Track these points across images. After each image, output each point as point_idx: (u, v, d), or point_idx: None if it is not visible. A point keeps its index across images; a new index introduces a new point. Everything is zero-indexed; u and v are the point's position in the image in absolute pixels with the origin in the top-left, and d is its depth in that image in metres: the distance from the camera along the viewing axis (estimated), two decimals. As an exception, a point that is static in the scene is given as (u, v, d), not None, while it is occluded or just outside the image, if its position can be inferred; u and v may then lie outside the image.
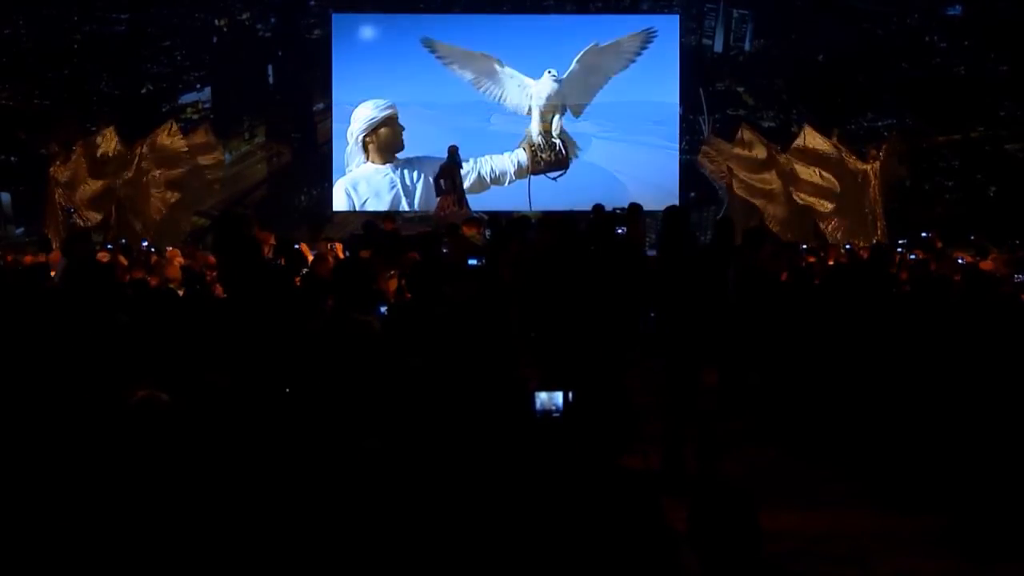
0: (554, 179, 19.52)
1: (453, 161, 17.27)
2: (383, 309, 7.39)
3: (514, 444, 4.69)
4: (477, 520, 3.93)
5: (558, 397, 4.87)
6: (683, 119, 20.74)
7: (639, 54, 20.13)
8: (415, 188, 20.15)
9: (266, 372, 5.40)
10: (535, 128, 19.92)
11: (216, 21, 20.96)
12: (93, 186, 17.65)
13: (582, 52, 19.88)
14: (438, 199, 17.11)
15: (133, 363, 5.58)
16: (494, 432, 4.74)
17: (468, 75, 20.01)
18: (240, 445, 4.38)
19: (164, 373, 5.11)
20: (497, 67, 19.86)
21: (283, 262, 10.00)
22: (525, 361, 7.05)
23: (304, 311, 6.72)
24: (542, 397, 4.87)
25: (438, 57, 19.96)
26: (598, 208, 12.59)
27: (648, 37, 20.08)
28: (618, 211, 13.76)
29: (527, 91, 19.92)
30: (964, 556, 5.77)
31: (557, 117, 19.90)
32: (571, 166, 20.08)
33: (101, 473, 4.00)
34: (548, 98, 19.81)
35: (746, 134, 18.77)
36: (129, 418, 4.14)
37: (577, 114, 20.07)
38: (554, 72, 19.78)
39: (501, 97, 19.93)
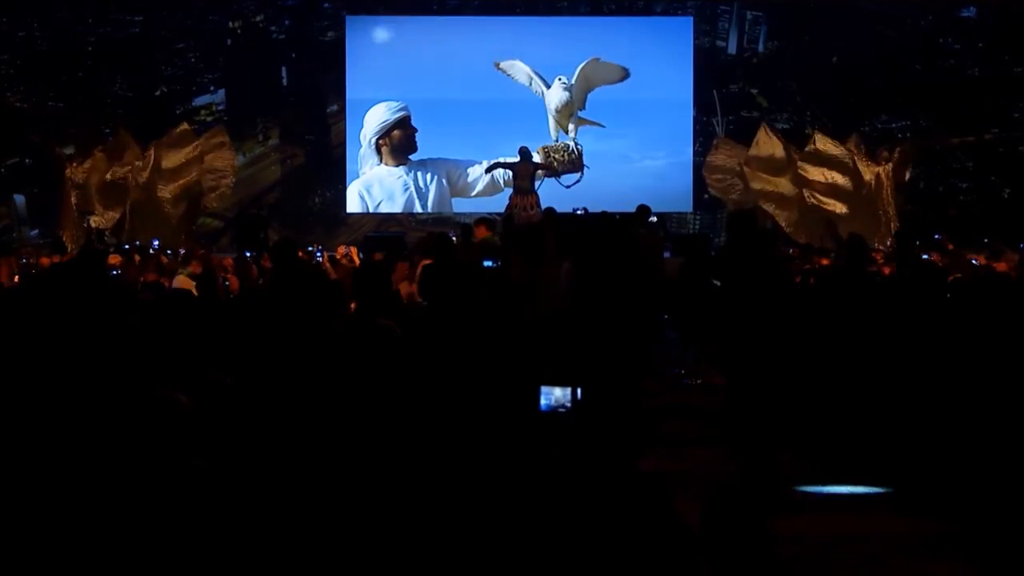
0: (568, 187, 19.53)
1: (528, 160, 17.37)
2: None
3: (517, 439, 4.69)
4: (476, 517, 3.94)
5: (567, 393, 4.87)
6: (697, 121, 20.72)
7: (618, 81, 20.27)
8: (428, 190, 20.17)
9: (280, 372, 5.41)
10: (551, 132, 19.99)
11: (230, 23, 20.99)
12: (109, 188, 17.72)
13: (584, 64, 19.96)
14: (514, 197, 17.18)
15: (147, 364, 5.59)
16: (497, 427, 4.75)
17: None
18: (252, 445, 4.39)
19: (180, 374, 5.12)
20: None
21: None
22: (540, 361, 7.05)
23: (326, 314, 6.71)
24: (553, 393, 4.86)
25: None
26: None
27: (624, 76, 20.20)
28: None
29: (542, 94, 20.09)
30: (978, 562, 5.75)
31: (571, 125, 20.00)
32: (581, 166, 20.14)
33: (118, 474, 4.01)
34: (558, 108, 19.92)
35: (764, 135, 18.75)
36: (148, 419, 4.15)
37: (582, 107, 20.17)
38: (564, 79, 19.89)
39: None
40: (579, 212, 14.23)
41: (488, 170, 18.61)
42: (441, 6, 21.17)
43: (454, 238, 11.76)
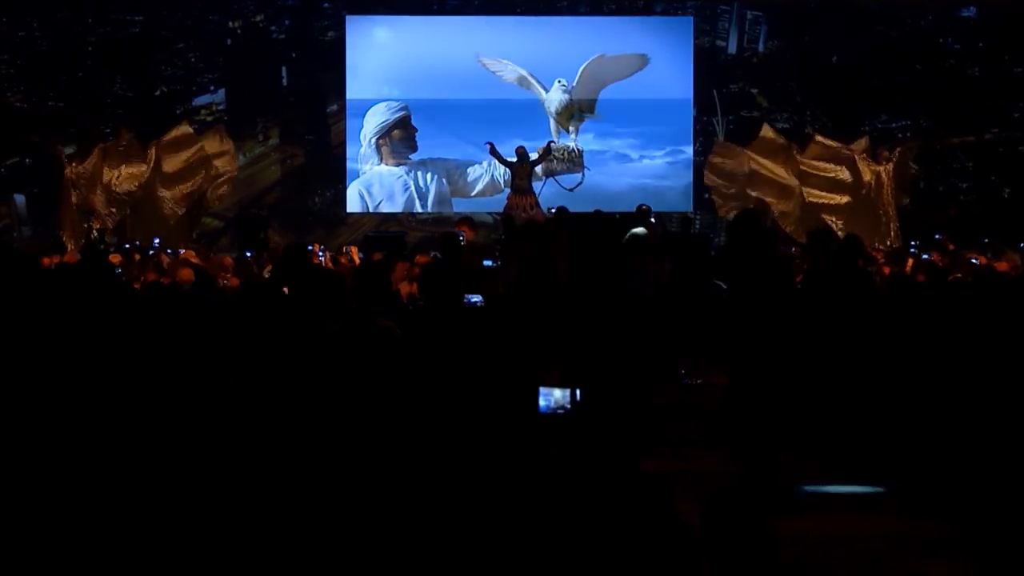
0: (570, 190, 19.51)
1: (525, 161, 17.30)
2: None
3: (515, 441, 4.69)
4: (476, 518, 3.94)
5: (567, 394, 4.86)
6: (697, 120, 20.72)
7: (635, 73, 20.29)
8: (428, 190, 20.19)
9: (281, 373, 5.41)
10: (552, 134, 20.00)
11: (230, 23, 20.97)
12: (110, 188, 17.70)
13: (587, 62, 20.01)
14: (512, 197, 17.10)
15: (141, 364, 5.60)
16: (496, 429, 4.74)
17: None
18: (253, 445, 4.39)
19: (180, 374, 5.13)
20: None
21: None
22: (542, 361, 7.04)
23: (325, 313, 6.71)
24: (553, 394, 4.85)
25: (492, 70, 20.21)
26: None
27: (644, 63, 20.22)
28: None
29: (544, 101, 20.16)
30: (979, 563, 5.74)
31: (572, 127, 20.04)
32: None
33: (119, 474, 4.02)
34: (558, 110, 19.97)
35: (766, 134, 18.73)
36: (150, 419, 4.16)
37: (591, 111, 20.18)
38: (563, 82, 19.98)
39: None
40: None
41: (489, 148, 18.26)
42: (441, 6, 21.15)
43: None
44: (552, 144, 19.31)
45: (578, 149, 20.12)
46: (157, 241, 16.19)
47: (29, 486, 4.07)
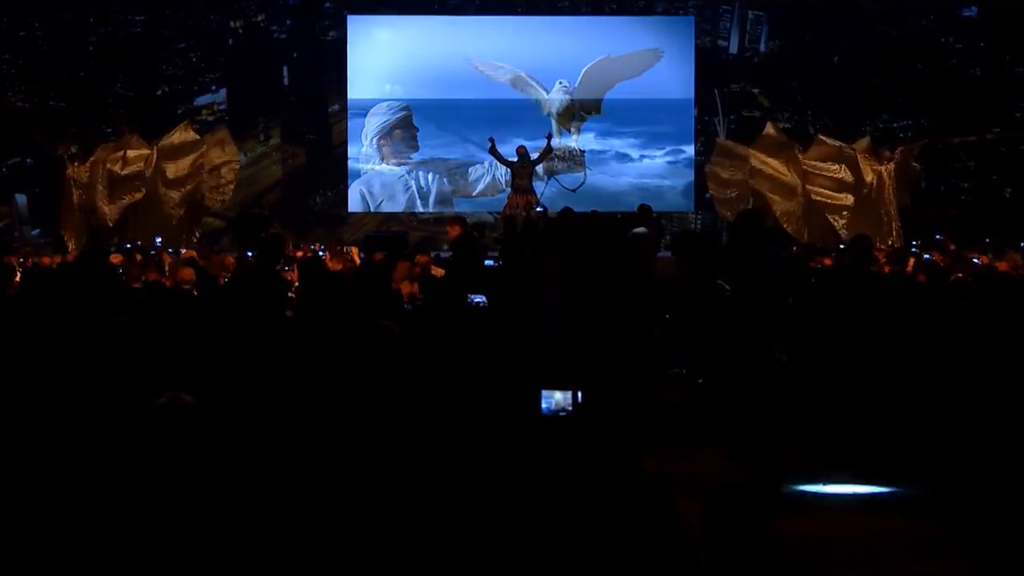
0: (573, 190, 19.49)
1: (526, 160, 17.30)
2: None
3: (518, 442, 4.69)
4: (477, 519, 3.94)
5: (568, 396, 4.87)
6: (698, 120, 20.72)
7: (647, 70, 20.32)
8: (430, 190, 20.19)
9: (279, 375, 5.41)
10: (554, 134, 19.97)
11: (231, 23, 20.98)
12: (112, 188, 17.70)
13: (591, 64, 20.02)
14: (513, 197, 17.06)
15: (140, 364, 5.60)
16: (498, 430, 4.75)
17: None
18: (253, 448, 4.40)
19: (180, 374, 5.13)
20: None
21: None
22: (541, 361, 7.04)
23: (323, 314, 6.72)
24: (553, 396, 4.86)
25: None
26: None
27: (657, 57, 20.24)
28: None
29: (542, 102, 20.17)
30: (981, 562, 5.74)
31: (573, 128, 20.06)
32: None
33: (123, 476, 4.01)
34: (558, 112, 19.99)
35: (769, 132, 18.70)
36: (153, 421, 4.15)
37: (598, 112, 20.20)
38: (564, 83, 19.98)
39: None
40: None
41: (490, 146, 18.12)
42: (442, 6, 21.16)
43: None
44: (550, 136, 19.30)
45: (579, 149, 20.12)
46: (159, 240, 16.18)
47: (27, 489, 4.07)
